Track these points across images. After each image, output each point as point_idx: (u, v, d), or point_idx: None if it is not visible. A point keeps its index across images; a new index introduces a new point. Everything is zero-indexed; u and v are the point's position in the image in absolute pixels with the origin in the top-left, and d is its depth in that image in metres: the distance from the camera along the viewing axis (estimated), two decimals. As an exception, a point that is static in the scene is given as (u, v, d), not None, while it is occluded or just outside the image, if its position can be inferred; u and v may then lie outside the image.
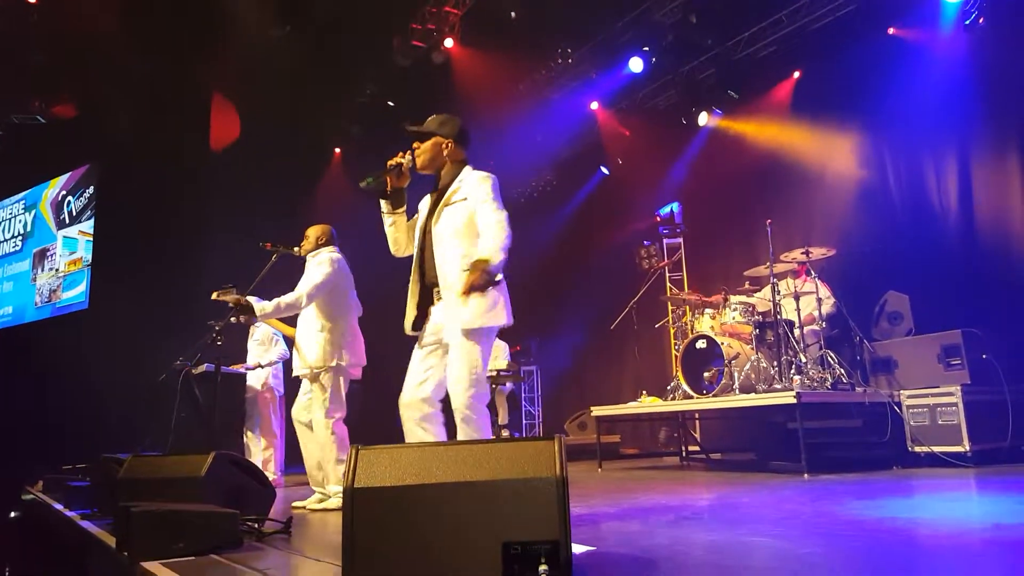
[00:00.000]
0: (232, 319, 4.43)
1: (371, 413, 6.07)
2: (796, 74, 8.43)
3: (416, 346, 3.12)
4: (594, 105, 9.70)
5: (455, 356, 2.90)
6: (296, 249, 4.55)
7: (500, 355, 9.34)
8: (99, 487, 3.95)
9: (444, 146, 3.14)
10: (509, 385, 9.17)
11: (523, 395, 10.92)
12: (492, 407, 9.12)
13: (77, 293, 9.88)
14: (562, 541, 1.74)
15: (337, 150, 10.96)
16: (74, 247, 10.19)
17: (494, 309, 2.95)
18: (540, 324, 10.63)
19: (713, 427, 8.40)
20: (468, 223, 3.02)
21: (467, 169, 3.16)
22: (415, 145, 3.16)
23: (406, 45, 9.28)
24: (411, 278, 3.15)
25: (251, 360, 6.76)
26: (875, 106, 7.59)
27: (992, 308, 6.08)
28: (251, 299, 4.19)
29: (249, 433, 6.64)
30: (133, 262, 9.24)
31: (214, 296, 4.34)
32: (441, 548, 1.78)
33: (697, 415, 7.90)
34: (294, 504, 4.33)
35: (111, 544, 2.77)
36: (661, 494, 4.16)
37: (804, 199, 8.08)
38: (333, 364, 4.26)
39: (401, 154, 3.16)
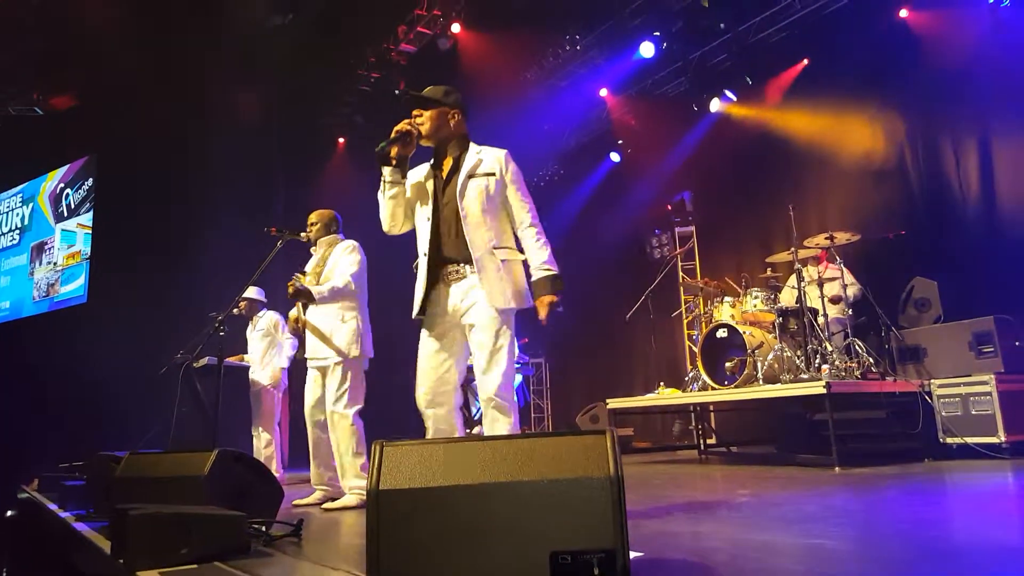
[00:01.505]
0: (235, 311, 4.24)
1: (384, 404, 5.87)
2: (808, 59, 8.19)
3: (425, 331, 2.90)
4: (603, 92, 9.46)
5: (486, 338, 2.72)
6: (303, 235, 4.35)
7: (509, 347, 9.12)
8: (95, 486, 3.74)
9: (451, 116, 2.95)
10: (519, 377, 8.97)
11: (531, 388, 10.71)
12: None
13: (76, 287, 9.67)
14: (619, 549, 1.52)
15: (341, 139, 10.71)
16: (72, 240, 9.98)
17: (525, 292, 2.85)
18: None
19: (728, 419, 8.19)
20: (498, 199, 2.90)
21: (474, 144, 3.00)
22: (416, 113, 2.94)
23: (411, 32, 9.05)
24: (424, 254, 2.89)
25: (252, 351, 6.50)
26: (891, 90, 7.38)
27: (1019, 294, 5.88)
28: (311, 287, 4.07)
29: (253, 429, 6.41)
30: (133, 255, 9.05)
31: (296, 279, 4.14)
32: (479, 558, 1.57)
33: (712, 407, 7.70)
34: (295, 502, 4.13)
35: (106, 549, 2.56)
36: (692, 490, 3.95)
37: (820, 185, 7.85)
38: (356, 355, 4.07)
39: (409, 120, 2.92)
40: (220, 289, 8.30)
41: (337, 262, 4.19)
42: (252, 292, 6.26)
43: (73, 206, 10.15)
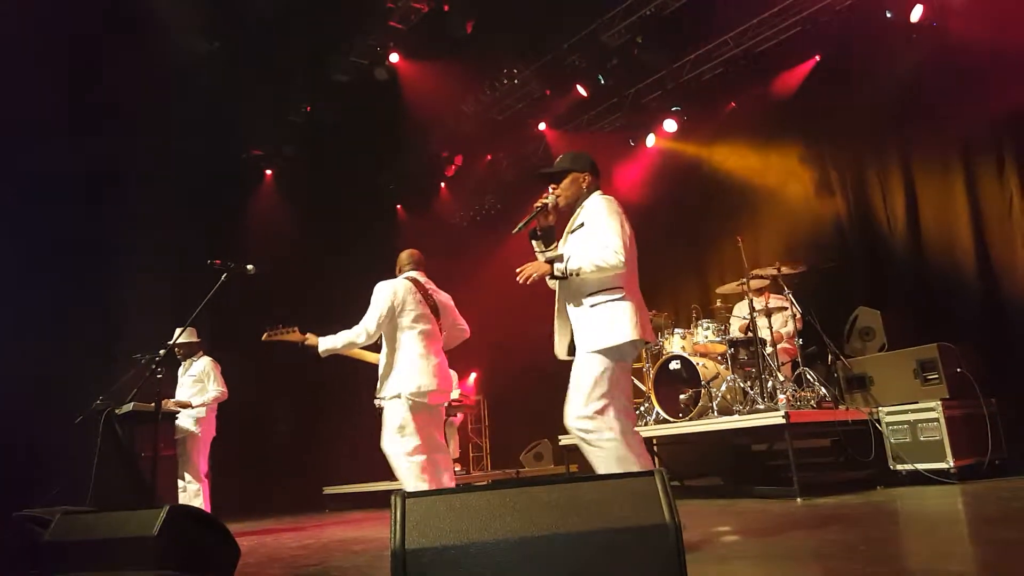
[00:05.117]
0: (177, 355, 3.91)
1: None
2: (740, 96, 8.42)
3: None
4: (542, 126, 9.48)
5: (573, 374, 2.98)
6: (250, 268, 4.05)
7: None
8: (9, 552, 3.29)
9: (583, 180, 3.17)
10: (460, 416, 8.71)
11: (469, 426, 10.43)
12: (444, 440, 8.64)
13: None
14: (685, 607, 1.36)
15: (268, 171, 10.33)
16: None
17: (626, 327, 2.93)
18: (484, 353, 10.22)
19: (671, 452, 8.13)
20: (585, 245, 3.04)
21: (594, 196, 3.16)
22: (552, 187, 3.18)
23: (345, 61, 8.85)
24: (556, 308, 3.22)
25: (181, 396, 6.06)
26: (818, 126, 7.65)
27: (954, 322, 6.11)
28: (317, 337, 3.99)
29: (179, 479, 5.93)
30: (35, 289, 8.32)
31: (265, 338, 3.97)
32: (524, 624, 1.37)
33: (655, 440, 7.64)
34: None
35: (40, 628, 2.20)
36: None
37: (754, 220, 8.02)
38: (394, 394, 3.92)
39: (545, 193, 3.14)
40: (135, 328, 7.76)
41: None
42: (188, 334, 5.80)
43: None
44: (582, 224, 3.07)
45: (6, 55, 7.51)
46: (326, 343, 3.96)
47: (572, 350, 3.11)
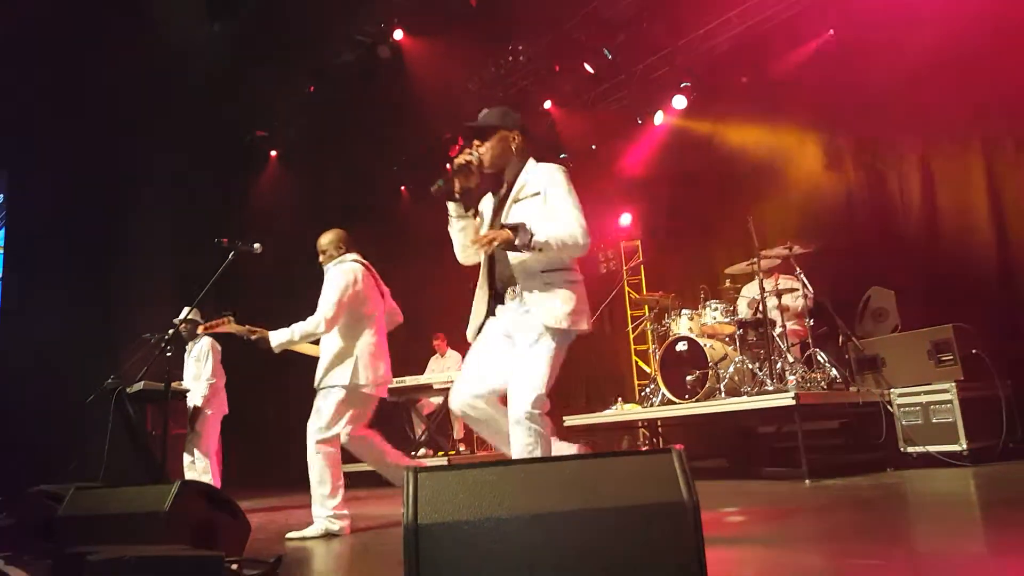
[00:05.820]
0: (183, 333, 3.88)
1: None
2: (750, 72, 8.28)
3: (474, 344, 2.86)
4: (547, 104, 9.38)
5: (528, 354, 2.62)
6: (256, 247, 4.01)
7: (453, 366, 8.88)
8: (26, 526, 3.31)
9: (512, 139, 2.85)
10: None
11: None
12: (448, 421, 8.64)
13: (-17, 309, 8.91)
14: (703, 585, 1.33)
15: (273, 152, 10.28)
16: (-19, 259, 9.21)
17: (581, 313, 2.70)
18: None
19: (675, 434, 8.12)
20: (543, 218, 2.70)
21: (532, 161, 2.86)
22: (476, 143, 2.84)
23: (350, 39, 8.76)
24: (479, 283, 2.89)
25: (188, 377, 6.11)
26: (833, 101, 7.51)
27: (969, 304, 6.02)
28: (269, 332, 3.74)
29: (186, 455, 5.99)
30: (50, 274, 8.39)
31: (201, 330, 3.91)
32: (539, 601, 1.35)
33: (659, 422, 7.62)
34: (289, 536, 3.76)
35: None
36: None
37: (764, 199, 7.91)
38: (343, 383, 3.75)
39: (468, 151, 2.83)
40: (145, 308, 7.81)
41: (323, 292, 3.85)
42: (193, 314, 5.80)
43: (-19, 223, 9.39)
44: (536, 193, 2.74)
45: (8, 46, 7.51)
46: (280, 337, 3.72)
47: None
